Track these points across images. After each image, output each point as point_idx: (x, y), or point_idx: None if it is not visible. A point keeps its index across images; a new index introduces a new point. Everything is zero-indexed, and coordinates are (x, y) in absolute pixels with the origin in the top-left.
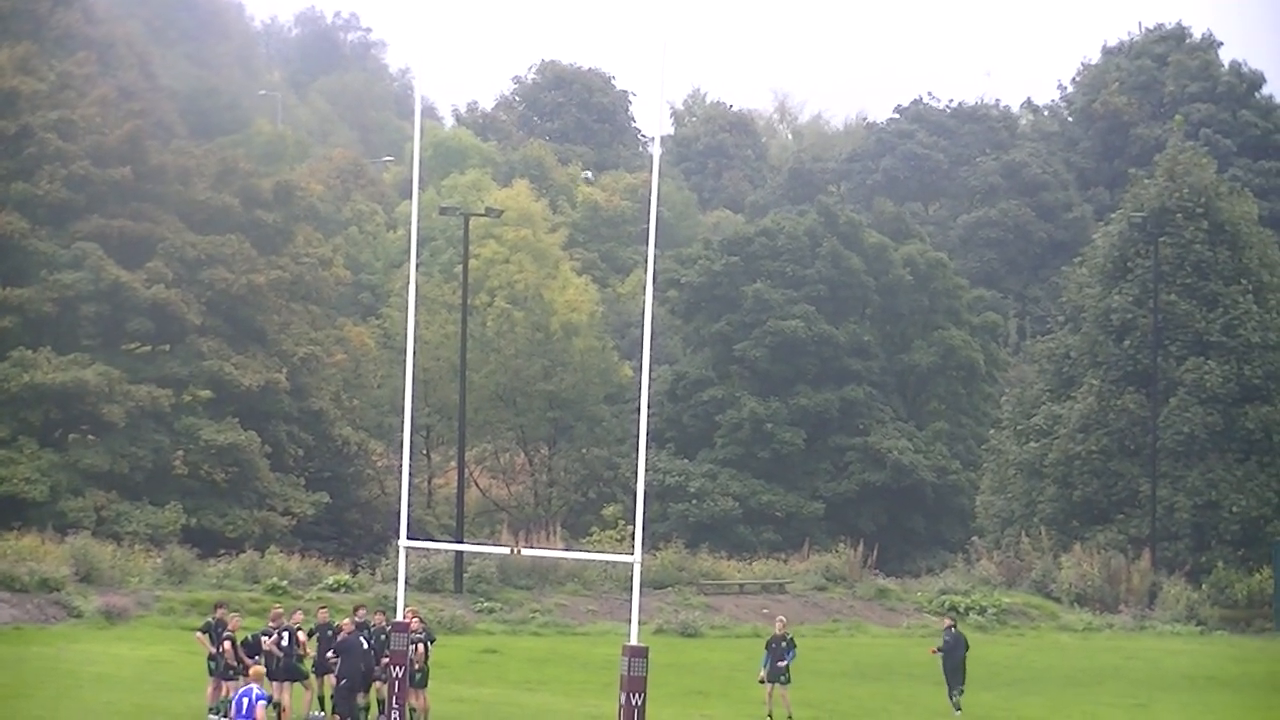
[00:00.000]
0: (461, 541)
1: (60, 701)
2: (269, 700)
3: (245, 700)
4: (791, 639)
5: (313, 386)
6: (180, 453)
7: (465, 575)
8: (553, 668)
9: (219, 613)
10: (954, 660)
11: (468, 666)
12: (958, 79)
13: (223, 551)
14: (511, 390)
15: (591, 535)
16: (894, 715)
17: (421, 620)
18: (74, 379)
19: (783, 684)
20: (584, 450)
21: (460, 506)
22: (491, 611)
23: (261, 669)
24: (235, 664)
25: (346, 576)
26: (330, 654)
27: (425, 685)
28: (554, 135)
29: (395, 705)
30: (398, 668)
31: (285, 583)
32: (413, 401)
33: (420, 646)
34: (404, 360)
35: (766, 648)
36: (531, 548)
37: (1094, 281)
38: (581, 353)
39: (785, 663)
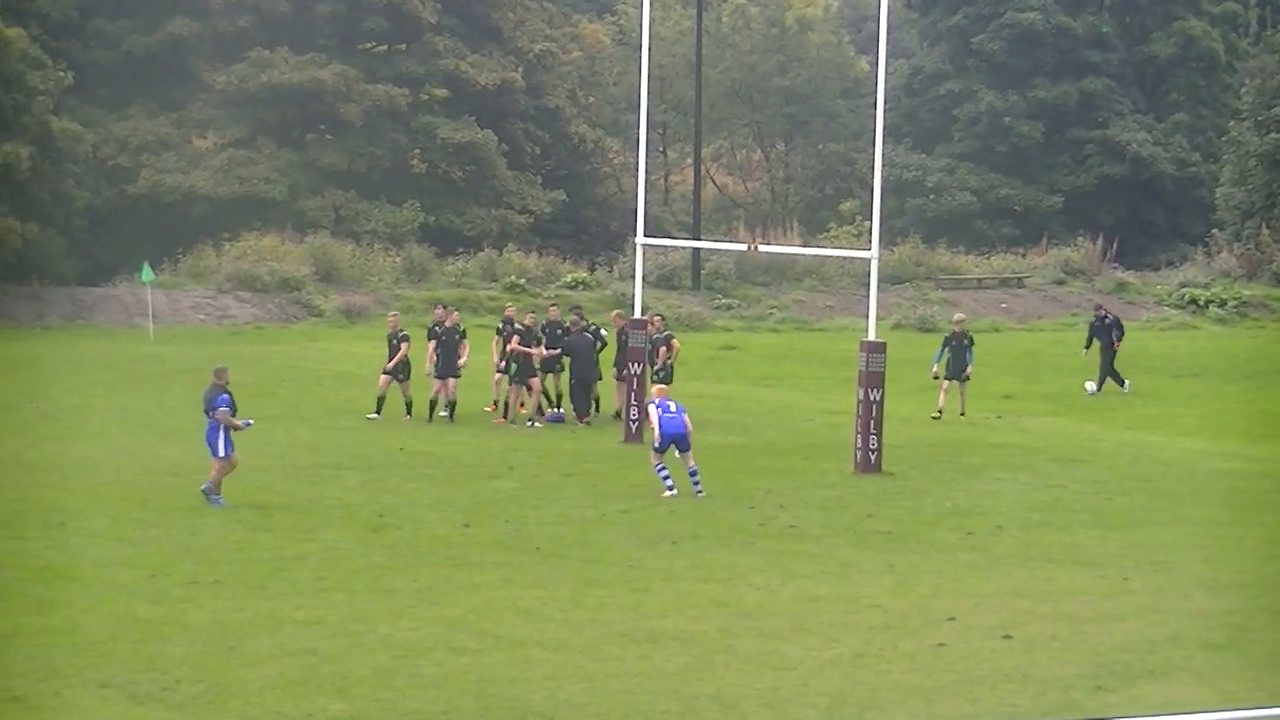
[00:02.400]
0: (699, 238)
1: (302, 399)
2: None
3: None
4: (971, 337)
5: (549, 84)
6: (417, 151)
7: (702, 272)
8: (790, 363)
9: (438, 312)
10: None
11: (706, 363)
12: None
13: (461, 250)
14: (747, 86)
15: (828, 231)
16: (1135, 409)
17: (663, 319)
18: (311, 78)
19: (962, 381)
20: (820, 145)
21: (697, 203)
22: (729, 308)
23: (663, 387)
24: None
25: (584, 274)
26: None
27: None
28: None
29: (634, 402)
30: (635, 364)
31: (523, 281)
32: (649, 98)
33: (662, 349)
34: (639, 56)
35: (945, 344)
36: (768, 244)
37: None
38: (817, 47)
39: (969, 363)
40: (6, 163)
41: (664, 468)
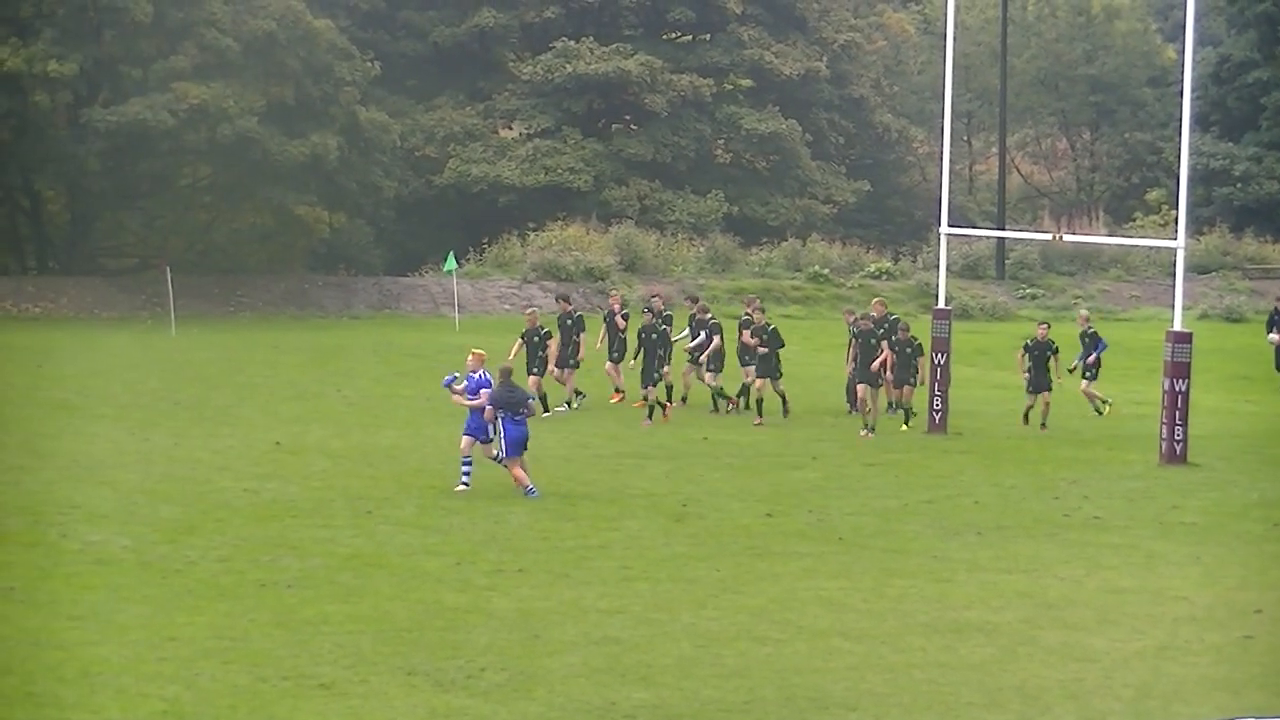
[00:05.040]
0: (1003, 228)
1: (607, 388)
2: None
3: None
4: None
5: (853, 74)
6: (721, 141)
7: (1007, 261)
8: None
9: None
10: None
11: (1011, 353)
12: None
13: (765, 239)
14: (1053, 74)
15: (1134, 220)
16: None
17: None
18: (616, 69)
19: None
20: (1126, 134)
21: (1001, 193)
22: (1034, 298)
23: (482, 353)
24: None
25: (888, 264)
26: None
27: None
28: None
29: (938, 392)
30: (939, 355)
31: (827, 270)
32: (953, 87)
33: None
34: (944, 45)
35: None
36: (1073, 234)
37: None
38: (1123, 35)
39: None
40: (315, 153)
41: (470, 459)
